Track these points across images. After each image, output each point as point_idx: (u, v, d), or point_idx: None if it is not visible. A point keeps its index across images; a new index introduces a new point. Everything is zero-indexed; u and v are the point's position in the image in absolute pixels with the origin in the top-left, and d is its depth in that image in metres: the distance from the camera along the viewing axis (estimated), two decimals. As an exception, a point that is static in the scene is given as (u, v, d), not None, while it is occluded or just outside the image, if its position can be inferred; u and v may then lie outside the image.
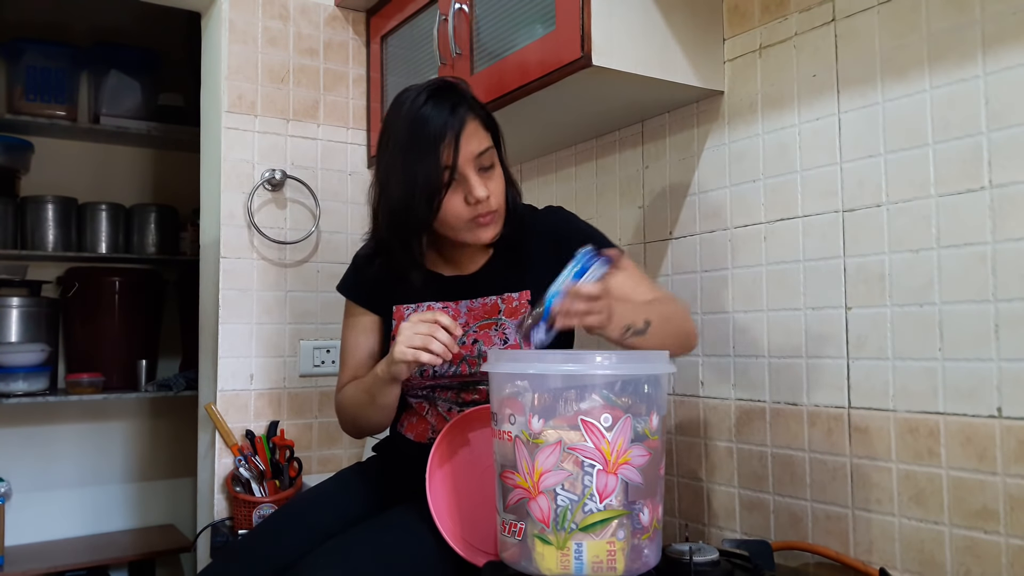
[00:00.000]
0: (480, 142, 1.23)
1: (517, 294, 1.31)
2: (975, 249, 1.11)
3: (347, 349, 1.42)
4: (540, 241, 1.32)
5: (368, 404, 1.29)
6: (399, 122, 1.24)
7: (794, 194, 1.36)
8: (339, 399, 1.40)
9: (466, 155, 1.21)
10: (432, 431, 1.33)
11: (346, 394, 1.37)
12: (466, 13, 1.65)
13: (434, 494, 1.16)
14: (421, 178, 1.20)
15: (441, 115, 1.20)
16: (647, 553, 0.98)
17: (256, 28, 2.02)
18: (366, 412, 1.32)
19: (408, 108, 1.23)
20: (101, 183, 2.90)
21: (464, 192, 1.22)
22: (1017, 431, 1.06)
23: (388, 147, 1.26)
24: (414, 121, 1.21)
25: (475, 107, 1.25)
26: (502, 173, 1.28)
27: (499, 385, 1.02)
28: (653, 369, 1.01)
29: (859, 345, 1.25)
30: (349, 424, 1.40)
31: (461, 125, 1.20)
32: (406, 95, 1.26)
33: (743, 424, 1.44)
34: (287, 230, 2.04)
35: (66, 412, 2.81)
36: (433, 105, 1.21)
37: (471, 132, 1.21)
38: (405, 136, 1.22)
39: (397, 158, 1.23)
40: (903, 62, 1.20)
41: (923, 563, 1.16)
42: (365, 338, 1.41)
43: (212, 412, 1.92)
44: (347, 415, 1.38)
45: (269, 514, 1.49)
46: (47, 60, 2.67)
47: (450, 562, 1.14)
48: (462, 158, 1.20)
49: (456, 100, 1.22)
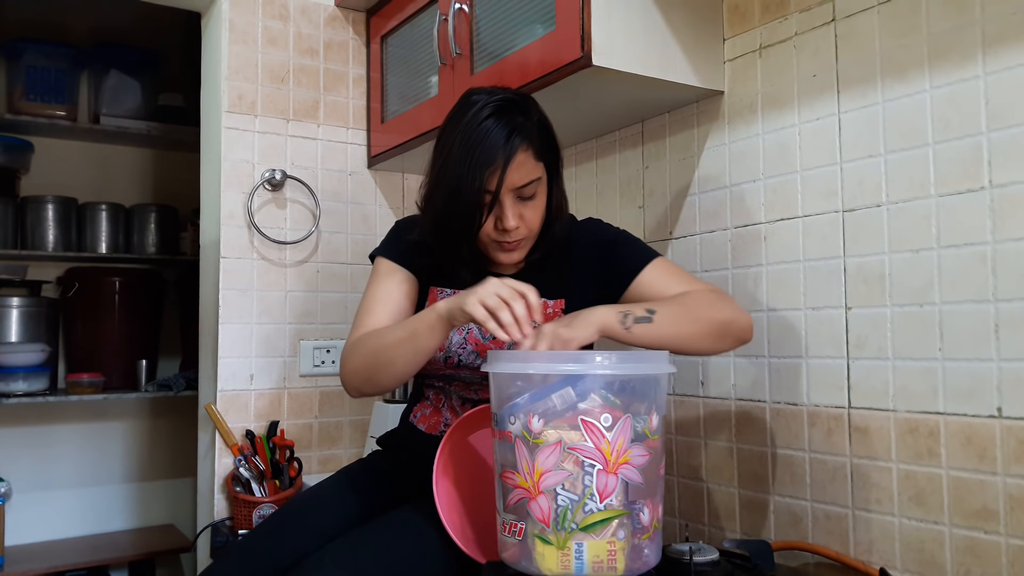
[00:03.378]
0: (526, 174, 1.21)
1: (553, 301, 1.31)
2: (975, 249, 1.11)
3: (376, 299, 1.33)
4: (582, 251, 1.33)
5: (405, 342, 1.19)
6: (458, 130, 1.21)
7: (794, 194, 1.36)
8: (357, 342, 1.28)
9: (508, 185, 1.20)
10: (444, 424, 1.33)
11: (371, 334, 1.26)
12: (466, 13, 1.65)
13: (440, 490, 1.16)
14: (465, 196, 1.19)
15: (498, 137, 1.18)
16: (647, 553, 0.97)
17: (256, 28, 2.02)
18: (396, 352, 1.20)
19: (471, 117, 1.20)
20: (101, 183, 2.90)
21: (496, 216, 1.22)
22: (1017, 431, 1.06)
23: (443, 150, 1.24)
24: (472, 135, 1.19)
25: (533, 134, 1.22)
26: (543, 203, 1.27)
27: (499, 385, 1.02)
28: (653, 369, 1.01)
29: (859, 345, 1.25)
30: (365, 366, 1.25)
31: (511, 155, 1.18)
32: (474, 100, 1.23)
33: (743, 424, 1.44)
34: (287, 230, 2.04)
35: (66, 412, 2.81)
36: (495, 122, 1.19)
37: (519, 163, 1.20)
38: (458, 148, 1.20)
39: (448, 165, 1.21)
40: (903, 62, 1.20)
41: (923, 563, 1.16)
42: (400, 295, 1.33)
43: (212, 412, 1.92)
44: (367, 355, 1.24)
45: (269, 514, 1.50)
46: (47, 60, 2.67)
47: (454, 562, 1.14)
48: (504, 187, 1.19)
49: (516, 125, 1.20)
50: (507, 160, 1.18)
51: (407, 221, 1.41)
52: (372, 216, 2.17)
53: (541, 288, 1.31)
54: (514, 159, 1.18)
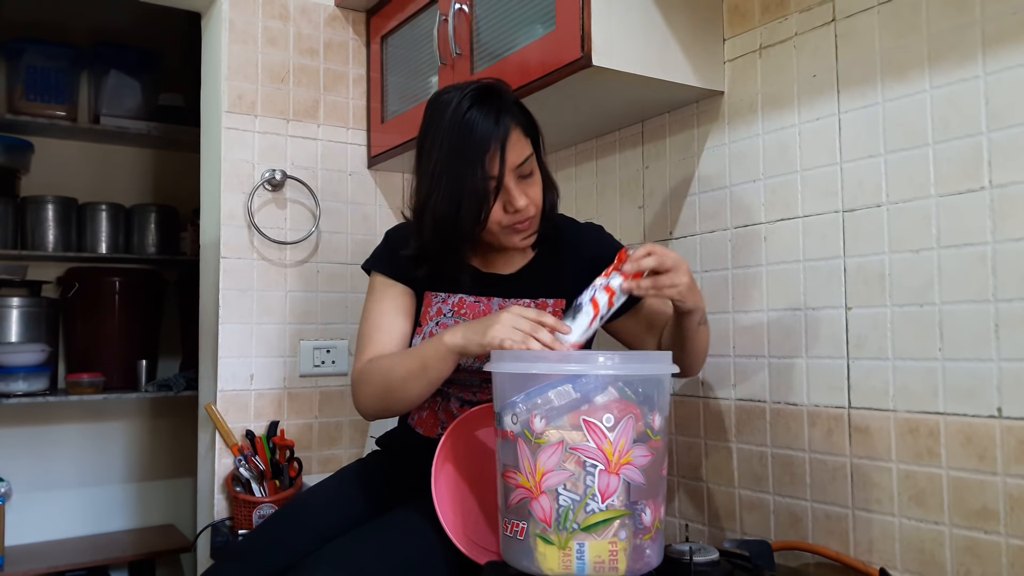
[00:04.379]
0: (522, 151, 1.22)
1: (552, 300, 1.32)
2: (975, 249, 1.11)
3: (376, 325, 1.34)
4: (580, 256, 1.33)
5: (417, 375, 1.21)
6: (443, 128, 1.21)
7: (794, 194, 1.36)
8: (366, 370, 1.30)
9: (510, 165, 1.20)
10: (441, 426, 1.33)
11: (380, 364, 1.27)
12: (466, 13, 1.65)
13: (439, 490, 1.16)
14: (468, 189, 1.18)
15: (487, 123, 1.18)
16: (649, 553, 0.98)
17: (256, 28, 2.02)
18: (409, 384, 1.22)
19: (452, 114, 1.20)
20: (101, 183, 2.90)
21: (504, 201, 1.22)
22: (1017, 431, 1.06)
23: (431, 154, 1.23)
24: (459, 129, 1.19)
25: (517, 113, 1.23)
26: (539, 178, 1.27)
27: (501, 384, 1.02)
28: (656, 369, 1.01)
29: (859, 345, 1.25)
30: (377, 398, 1.28)
31: (506, 135, 1.18)
32: (447, 98, 1.23)
33: (743, 424, 1.44)
34: (287, 230, 2.04)
35: (66, 412, 2.81)
36: (478, 111, 1.19)
37: (515, 141, 1.20)
38: (449, 144, 1.19)
39: (442, 166, 1.20)
40: (903, 62, 1.20)
41: (923, 563, 1.16)
42: (397, 315, 1.34)
43: (212, 412, 1.92)
44: (378, 387, 1.27)
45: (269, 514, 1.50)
46: (47, 60, 2.67)
47: (454, 562, 1.14)
48: (507, 169, 1.19)
49: (500, 106, 1.20)
50: (503, 142, 1.18)
51: (396, 231, 1.40)
52: (372, 216, 2.18)
53: (541, 288, 1.33)
54: (509, 138, 1.19)
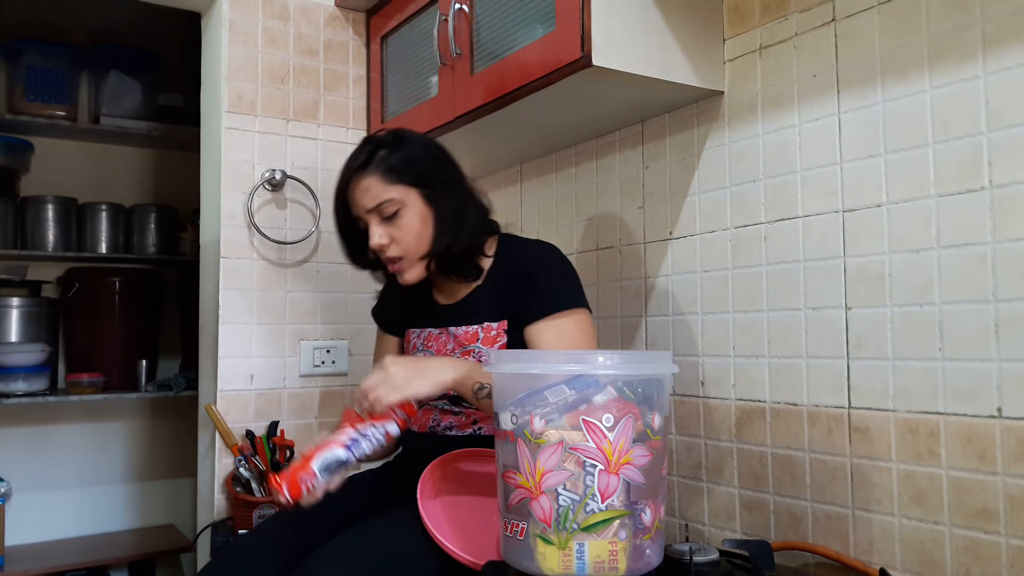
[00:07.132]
0: (375, 196, 1.32)
1: (496, 324, 1.35)
2: (975, 249, 1.11)
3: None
4: (516, 275, 1.35)
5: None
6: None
7: (794, 194, 1.36)
8: None
9: (360, 207, 1.35)
10: (432, 421, 1.39)
11: None
12: (466, 13, 1.65)
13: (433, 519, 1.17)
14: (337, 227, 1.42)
15: (344, 171, 1.37)
16: (649, 553, 0.98)
17: (256, 28, 2.02)
18: None
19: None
20: (101, 183, 2.90)
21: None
22: (1017, 431, 1.06)
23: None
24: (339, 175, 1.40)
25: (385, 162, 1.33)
26: (412, 222, 1.33)
27: (500, 385, 1.02)
28: (655, 369, 1.01)
29: (859, 345, 1.25)
30: None
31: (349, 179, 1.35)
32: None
33: (743, 424, 1.44)
34: (287, 230, 2.04)
35: (66, 412, 2.81)
36: (349, 158, 1.37)
37: (364, 188, 1.33)
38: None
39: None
40: (903, 62, 1.20)
41: (923, 563, 1.16)
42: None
43: (212, 412, 1.92)
44: None
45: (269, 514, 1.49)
46: (47, 60, 2.67)
47: (451, 560, 1.14)
48: (359, 211, 1.35)
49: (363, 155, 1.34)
50: (347, 184, 1.35)
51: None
52: (372, 216, 2.17)
53: (481, 314, 1.36)
54: (358, 185, 1.33)
